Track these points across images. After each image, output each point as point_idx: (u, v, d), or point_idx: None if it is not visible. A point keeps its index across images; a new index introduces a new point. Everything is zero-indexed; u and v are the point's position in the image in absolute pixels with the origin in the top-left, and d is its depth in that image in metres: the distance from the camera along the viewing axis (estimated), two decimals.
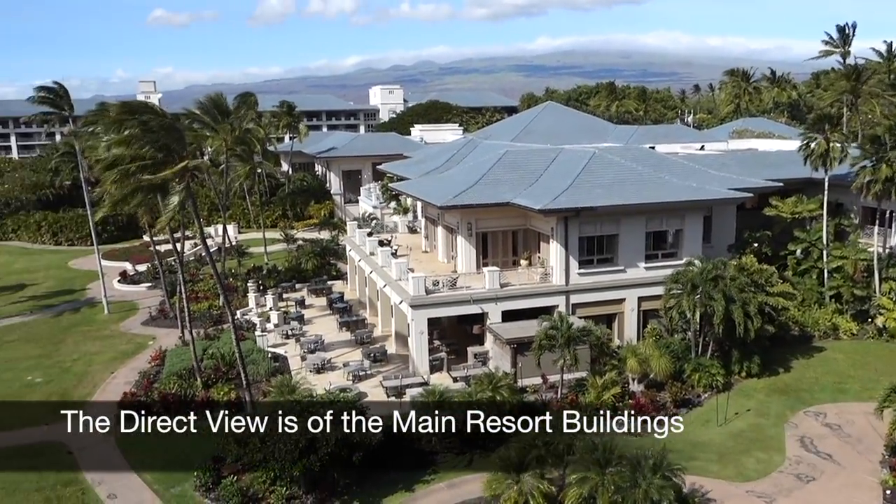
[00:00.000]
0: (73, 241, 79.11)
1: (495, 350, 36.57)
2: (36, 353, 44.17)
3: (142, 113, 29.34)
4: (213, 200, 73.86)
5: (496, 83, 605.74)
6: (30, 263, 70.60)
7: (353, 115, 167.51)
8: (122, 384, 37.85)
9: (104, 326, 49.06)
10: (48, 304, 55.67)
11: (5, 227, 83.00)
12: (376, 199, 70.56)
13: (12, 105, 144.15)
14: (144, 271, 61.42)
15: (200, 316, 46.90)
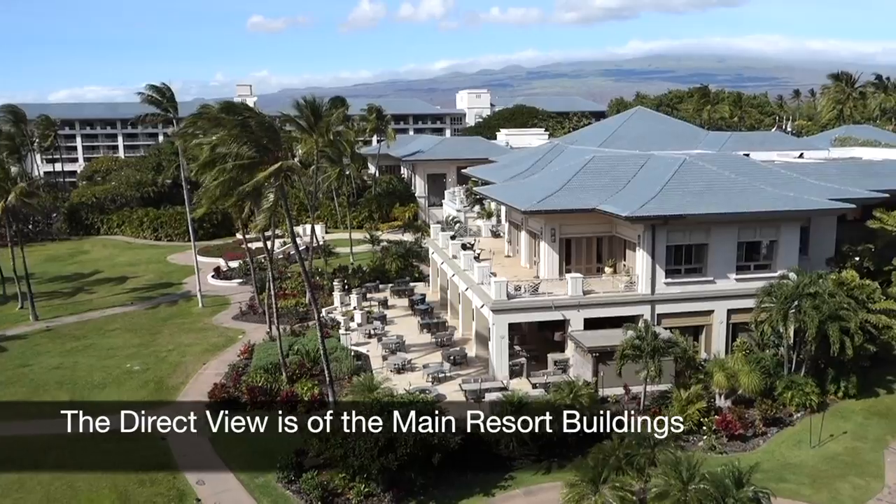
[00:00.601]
0: (171, 237, 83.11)
1: (576, 358, 36.08)
2: (135, 342, 46.63)
3: (241, 113, 30.52)
4: (302, 201, 75.99)
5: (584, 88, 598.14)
6: (132, 257, 74.61)
7: (439, 118, 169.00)
8: (213, 375, 39.45)
9: (198, 319, 51.30)
10: (148, 296, 58.69)
11: (111, 222, 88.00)
12: (460, 202, 70.91)
13: (120, 107, 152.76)
14: (236, 268, 63.87)
15: (287, 312, 48.34)
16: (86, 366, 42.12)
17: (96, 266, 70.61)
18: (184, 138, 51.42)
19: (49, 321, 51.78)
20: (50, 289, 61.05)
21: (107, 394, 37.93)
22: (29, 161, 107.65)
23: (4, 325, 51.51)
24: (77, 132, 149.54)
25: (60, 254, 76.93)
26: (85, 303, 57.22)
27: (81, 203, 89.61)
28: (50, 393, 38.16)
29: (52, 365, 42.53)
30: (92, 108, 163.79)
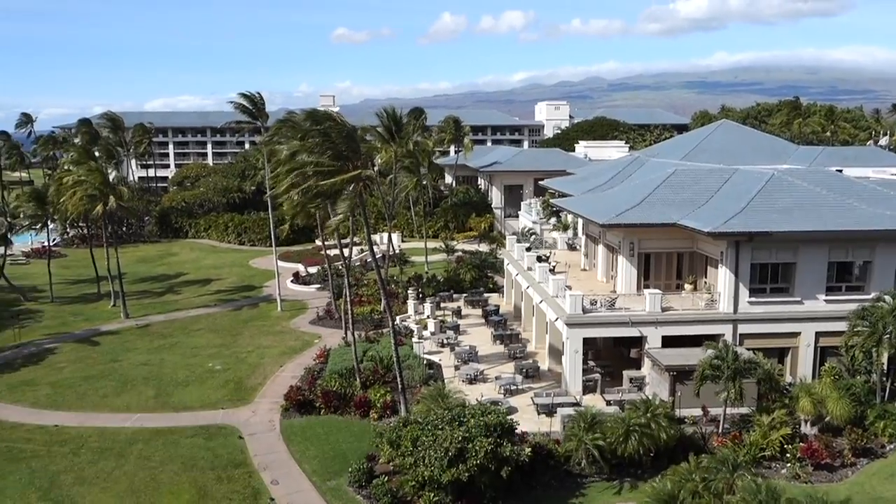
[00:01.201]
0: (254, 242, 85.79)
1: (653, 376, 35.18)
2: (218, 342, 48.26)
3: (324, 122, 31.23)
4: (380, 209, 77.13)
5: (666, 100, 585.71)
6: (217, 260, 77.39)
7: (517, 130, 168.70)
8: (289, 378, 40.37)
9: (277, 323, 52.68)
10: (230, 298, 60.70)
11: (198, 226, 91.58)
12: (536, 214, 70.46)
13: (210, 116, 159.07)
14: (315, 273, 65.31)
15: (363, 319, 49.05)
16: (171, 363, 43.85)
17: (183, 268, 73.58)
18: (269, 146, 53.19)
19: (138, 319, 54.24)
20: (140, 288, 63.96)
21: (189, 391, 39.35)
22: (125, 166, 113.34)
23: (98, 321, 54.26)
24: (170, 139, 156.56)
25: (151, 255, 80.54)
26: (172, 303, 59.68)
27: (171, 207, 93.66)
28: (137, 388, 39.87)
29: (139, 361, 44.47)
30: (184, 117, 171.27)
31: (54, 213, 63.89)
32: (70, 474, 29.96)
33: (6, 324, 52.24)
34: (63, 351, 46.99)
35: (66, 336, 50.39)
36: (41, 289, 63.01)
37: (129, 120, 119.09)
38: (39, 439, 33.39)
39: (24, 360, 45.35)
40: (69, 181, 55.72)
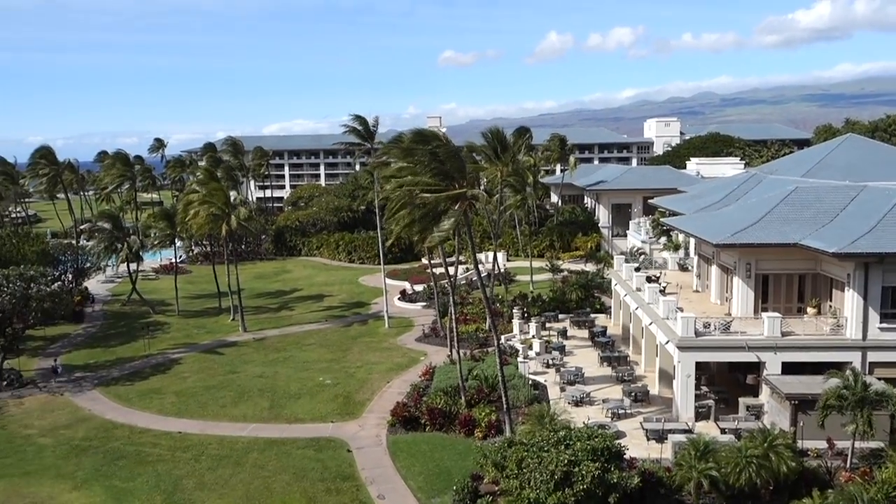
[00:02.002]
0: (363, 260, 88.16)
1: (772, 404, 33.35)
2: (328, 357, 49.79)
3: (430, 141, 31.88)
4: (485, 228, 77.53)
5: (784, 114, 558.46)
6: (328, 277, 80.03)
7: (625, 147, 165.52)
8: (396, 394, 41.06)
9: (384, 339, 53.79)
10: (340, 314, 62.54)
11: (311, 244, 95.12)
12: (645, 233, 68.66)
13: (323, 138, 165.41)
14: (421, 291, 66.32)
15: (468, 337, 49.29)
16: (284, 376, 45.60)
17: (297, 284, 76.56)
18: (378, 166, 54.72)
19: (255, 333, 56.80)
20: (257, 303, 67.00)
21: (301, 404, 40.74)
22: (245, 187, 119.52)
23: (219, 334, 57.26)
24: (285, 161, 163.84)
25: (267, 272, 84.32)
26: (286, 318, 62.15)
27: (286, 226, 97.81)
28: (253, 399, 41.68)
29: (256, 373, 46.51)
30: (299, 140, 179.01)
31: (181, 232, 68.14)
32: (191, 479, 31.62)
33: (137, 335, 55.97)
34: (187, 361, 49.85)
35: (190, 347, 53.45)
36: (168, 302, 67.18)
37: (248, 144, 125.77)
38: (165, 444, 35.48)
39: (153, 369, 48.41)
40: (195, 202, 59.30)
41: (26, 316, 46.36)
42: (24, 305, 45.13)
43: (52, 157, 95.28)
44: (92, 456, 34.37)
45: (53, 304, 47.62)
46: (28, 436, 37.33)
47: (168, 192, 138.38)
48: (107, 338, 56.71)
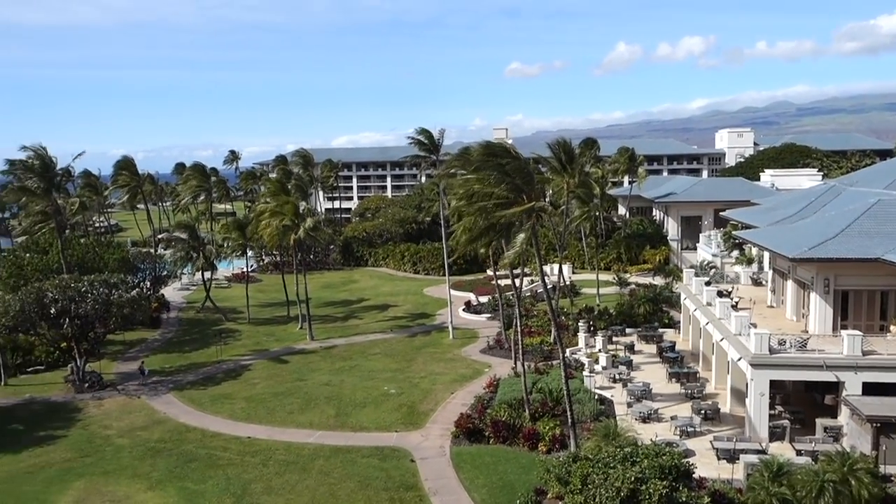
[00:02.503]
0: (428, 271, 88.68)
1: (851, 426, 31.89)
2: (393, 366, 50.23)
3: (500, 155, 31.82)
4: (550, 240, 76.96)
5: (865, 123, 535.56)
6: (393, 288, 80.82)
7: (695, 159, 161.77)
8: (459, 405, 41.06)
9: (448, 350, 53.92)
10: (405, 325, 63.04)
11: (377, 255, 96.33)
12: (716, 247, 66.87)
13: (390, 151, 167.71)
14: (485, 303, 66.24)
15: (532, 350, 48.94)
16: (350, 385, 46.22)
17: (363, 294, 77.61)
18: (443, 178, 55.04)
19: (322, 341, 57.81)
20: (324, 312, 68.19)
21: (366, 413, 41.19)
22: (314, 198, 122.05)
23: (288, 341, 58.51)
24: (353, 173, 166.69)
25: (334, 282, 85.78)
26: (353, 327, 63.04)
27: (354, 237, 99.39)
28: (319, 406, 42.38)
29: (322, 381, 47.29)
30: (366, 152, 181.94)
31: (253, 242, 70.05)
32: (259, 483, 32.34)
33: (210, 341, 57.73)
34: (257, 368, 51.11)
35: (259, 354, 54.80)
36: (240, 310, 69.08)
37: (318, 156, 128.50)
38: (234, 449, 36.41)
39: (225, 374, 49.83)
40: (266, 213, 60.92)
41: (107, 321, 48.46)
42: (105, 311, 47.16)
43: (133, 169, 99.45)
44: (166, 458, 35.56)
45: (133, 310, 49.63)
46: (107, 436, 38.93)
47: (241, 203, 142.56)
48: (181, 343, 58.68)
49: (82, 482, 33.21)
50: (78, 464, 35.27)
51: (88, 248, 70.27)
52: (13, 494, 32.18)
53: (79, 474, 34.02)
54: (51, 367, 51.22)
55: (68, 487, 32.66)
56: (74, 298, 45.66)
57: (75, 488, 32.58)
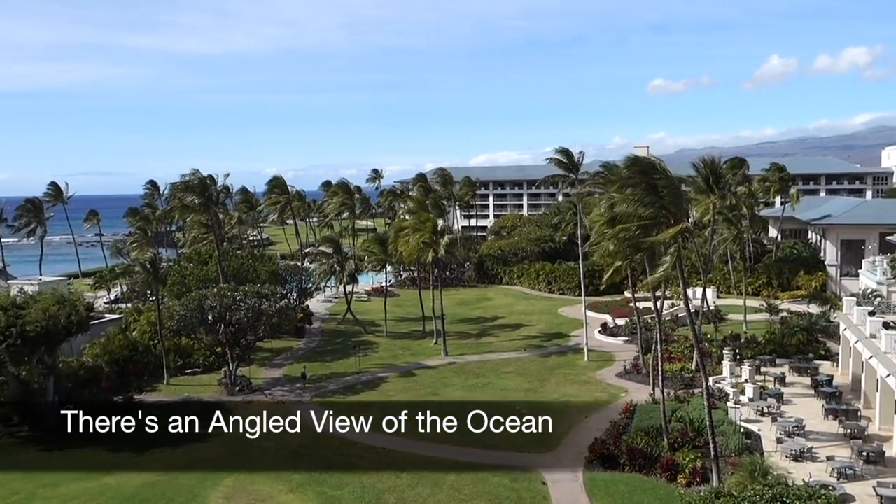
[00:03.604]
0: (563, 291, 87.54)
1: None
2: (525, 386, 49.86)
3: (649, 172, 30.58)
4: (694, 263, 73.73)
5: None
6: (527, 307, 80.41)
7: (858, 178, 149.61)
8: (594, 429, 40.02)
9: (582, 372, 52.83)
10: (538, 344, 62.48)
11: (512, 273, 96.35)
12: (882, 274, 61.31)
13: (527, 169, 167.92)
14: (623, 325, 64.40)
15: (672, 376, 46.97)
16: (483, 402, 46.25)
17: (497, 312, 77.78)
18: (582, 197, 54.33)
19: (456, 357, 58.42)
20: (458, 329, 68.92)
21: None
22: (451, 216, 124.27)
23: (422, 356, 59.63)
24: (490, 192, 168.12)
25: (469, 299, 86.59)
26: (486, 345, 63.28)
27: (489, 255, 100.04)
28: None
29: (454, 397, 47.70)
30: (503, 171, 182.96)
31: (392, 258, 72.22)
32: (392, 494, 33.04)
33: (350, 352, 59.89)
34: (392, 381, 52.41)
35: (395, 368, 56.20)
36: (378, 324, 71.25)
37: (456, 174, 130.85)
38: (370, 458, 37.47)
39: (363, 385, 51.50)
40: (407, 229, 62.66)
41: (258, 329, 51.60)
42: (256, 319, 50.26)
43: (284, 186, 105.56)
44: (306, 462, 37.17)
45: (280, 320, 52.63)
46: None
47: (381, 220, 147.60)
48: (323, 353, 61.31)
49: (231, 479, 35.36)
50: (227, 461, 37.58)
51: (243, 260, 75.24)
52: (172, 486, 34.80)
53: (228, 471, 36.26)
54: (207, 369, 55.06)
55: (219, 483, 34.88)
56: (229, 307, 49.00)
57: (225, 485, 34.75)
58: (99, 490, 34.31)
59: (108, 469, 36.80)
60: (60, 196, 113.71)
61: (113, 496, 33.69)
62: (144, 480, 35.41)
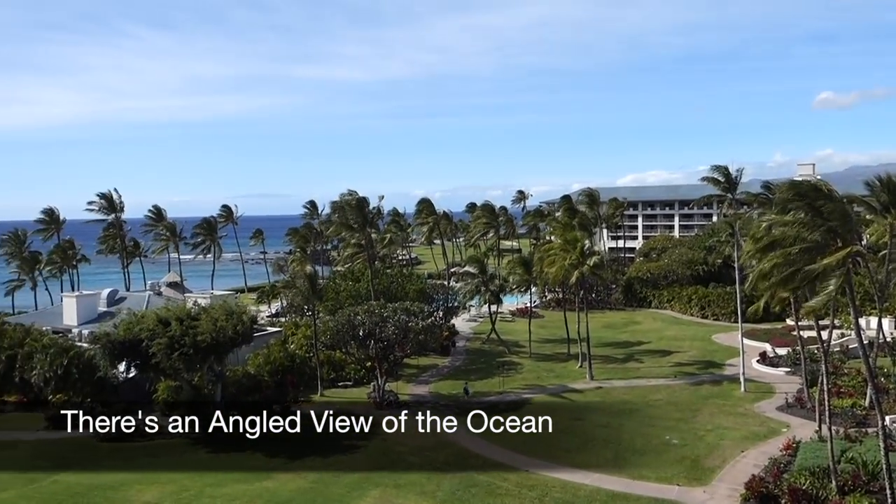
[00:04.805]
0: (717, 316, 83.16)
1: None
2: (675, 415, 47.69)
3: (813, 197, 28.81)
4: (867, 290, 67.55)
5: None
6: (678, 332, 77.10)
7: None
8: (751, 466, 37.54)
9: (739, 404, 49.77)
10: (690, 372, 59.64)
11: (661, 296, 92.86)
12: None
13: (679, 189, 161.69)
14: (784, 355, 60.13)
15: (841, 413, 43.21)
16: (629, 429, 44.81)
17: (644, 337, 75.18)
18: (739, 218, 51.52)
19: (601, 382, 57.00)
20: (603, 353, 67.26)
21: (645, 461, 39.54)
22: (597, 237, 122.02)
23: (566, 379, 58.73)
24: (639, 212, 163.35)
25: (615, 322, 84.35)
26: (633, 370, 61.28)
27: (637, 277, 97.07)
28: (596, 448, 41.68)
29: (600, 423, 46.47)
30: (653, 191, 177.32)
31: (536, 278, 71.91)
32: None
33: (494, 372, 60.12)
34: (535, 402, 51.92)
35: (538, 389, 55.71)
36: (521, 344, 71.05)
37: (602, 195, 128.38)
38: (513, 480, 37.30)
39: (506, 406, 51.33)
40: (553, 250, 62.24)
41: (405, 345, 53.00)
42: (404, 336, 51.68)
43: (431, 207, 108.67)
44: (450, 479, 37.59)
45: (427, 337, 53.78)
46: (399, 452, 42.29)
47: (525, 240, 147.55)
48: (468, 372, 61.93)
49: (377, 492, 36.43)
50: (374, 474, 38.81)
51: (393, 279, 77.84)
52: (322, 494, 36.40)
53: (375, 484, 37.39)
54: (357, 383, 57.28)
55: (366, 495, 36.04)
56: (379, 323, 50.77)
57: (371, 496, 35.85)
58: (258, 493, 36.54)
59: (265, 472, 39.17)
60: (231, 217, 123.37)
61: (270, 499, 35.76)
62: (297, 486, 37.28)
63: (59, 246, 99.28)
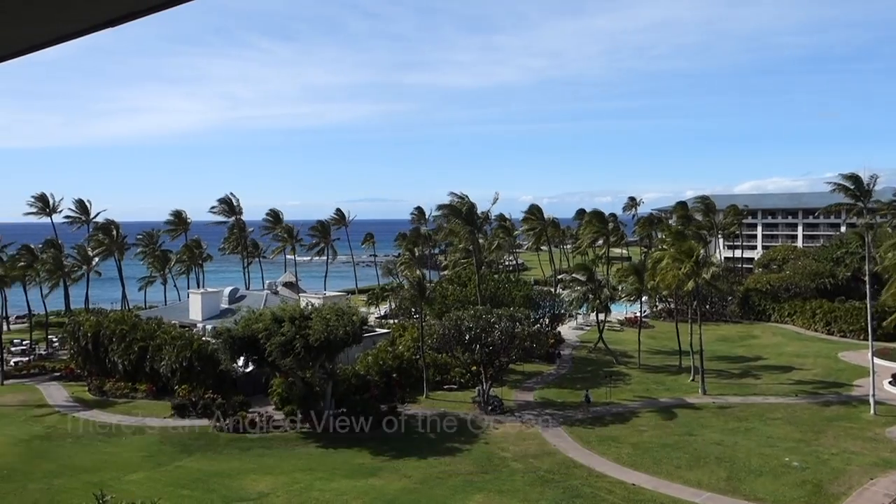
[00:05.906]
0: (845, 333, 77.89)
1: None
2: (796, 436, 45.01)
3: None
4: None
5: None
6: (800, 348, 72.76)
7: None
8: (881, 496, 34.95)
9: (868, 427, 46.41)
10: (813, 391, 56.12)
11: (782, 310, 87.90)
12: None
13: (803, 197, 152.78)
14: None
15: None
16: (745, 448, 42.69)
17: (762, 352, 71.42)
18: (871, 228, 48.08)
19: (715, 397, 54.60)
20: (718, 367, 64.43)
21: (762, 482, 37.54)
22: (713, 246, 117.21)
23: (678, 392, 56.66)
24: (758, 221, 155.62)
25: (731, 335, 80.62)
26: (750, 386, 58.34)
27: (755, 289, 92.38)
28: (709, 466, 39.95)
29: (713, 440, 44.57)
30: (774, 199, 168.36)
31: (648, 288, 69.91)
32: None
33: (601, 382, 58.88)
34: (644, 415, 50.46)
35: (648, 402, 54.05)
36: (630, 355, 69.22)
37: (719, 202, 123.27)
38: (619, 493, 36.33)
39: (613, 417, 50.25)
40: (666, 259, 60.32)
41: (510, 351, 52.84)
42: (509, 342, 51.54)
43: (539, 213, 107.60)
44: (553, 489, 37.08)
45: (532, 344, 53.38)
46: (503, 458, 42.18)
47: (636, 248, 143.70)
48: (573, 380, 60.94)
49: (481, 496, 36.45)
50: (478, 478, 38.86)
51: (499, 284, 77.83)
52: (426, 495, 36.79)
53: (478, 488, 37.42)
54: (462, 387, 57.61)
55: (469, 499, 36.13)
56: (485, 328, 50.88)
57: (475, 501, 35.90)
58: (364, 489, 37.40)
59: (372, 470, 40.06)
60: (343, 220, 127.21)
61: (376, 496, 36.50)
62: (403, 486, 37.86)
63: (186, 245, 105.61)
